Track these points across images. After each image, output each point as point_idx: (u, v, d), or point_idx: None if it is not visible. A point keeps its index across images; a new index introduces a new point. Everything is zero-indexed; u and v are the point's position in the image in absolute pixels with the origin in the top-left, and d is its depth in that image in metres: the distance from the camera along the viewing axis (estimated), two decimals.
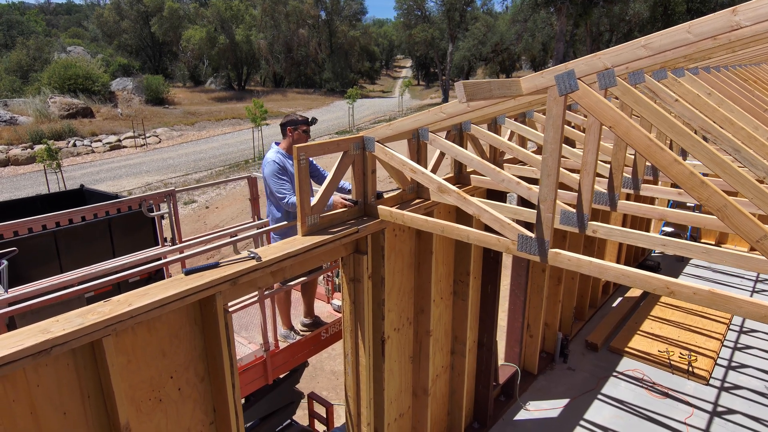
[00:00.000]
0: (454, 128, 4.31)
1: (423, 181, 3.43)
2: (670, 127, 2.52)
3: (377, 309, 3.90)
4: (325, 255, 3.40)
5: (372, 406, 4.16)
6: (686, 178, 2.24)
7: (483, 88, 2.28)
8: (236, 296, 2.93)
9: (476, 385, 5.68)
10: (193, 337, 2.83)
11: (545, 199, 2.72)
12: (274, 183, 4.04)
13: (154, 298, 2.46)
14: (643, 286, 2.46)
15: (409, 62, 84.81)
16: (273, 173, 4.04)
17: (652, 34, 2.23)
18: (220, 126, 34.75)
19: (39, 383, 2.25)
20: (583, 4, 34.58)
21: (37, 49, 44.23)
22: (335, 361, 7.99)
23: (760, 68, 6.56)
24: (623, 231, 3.09)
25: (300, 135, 4.22)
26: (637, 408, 6.00)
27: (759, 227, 2.09)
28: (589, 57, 2.42)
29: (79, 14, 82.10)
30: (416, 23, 50.32)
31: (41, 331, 2.17)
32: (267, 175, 4.07)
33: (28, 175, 21.91)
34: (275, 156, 4.13)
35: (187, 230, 14.21)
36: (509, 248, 2.95)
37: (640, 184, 4.18)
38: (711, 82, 4.12)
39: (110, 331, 2.33)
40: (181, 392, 2.84)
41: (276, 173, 4.04)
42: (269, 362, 4.03)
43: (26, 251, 4.54)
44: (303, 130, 4.21)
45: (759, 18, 1.92)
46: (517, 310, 6.18)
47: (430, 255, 4.23)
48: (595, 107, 2.43)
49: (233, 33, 50.78)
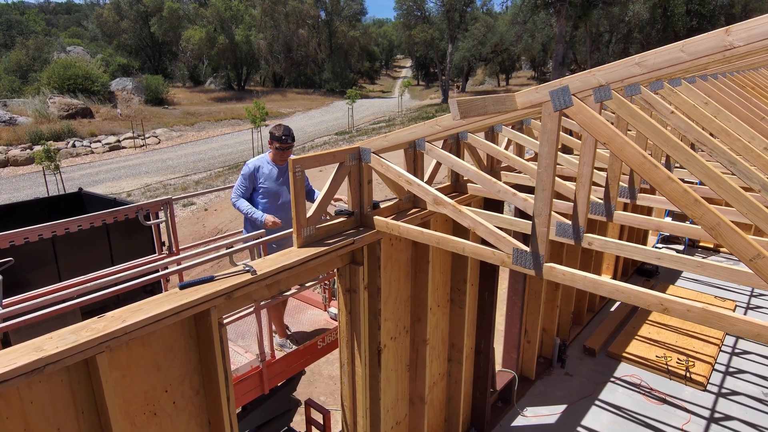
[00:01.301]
0: (451, 137, 4.31)
1: (419, 193, 3.43)
2: (665, 141, 2.52)
3: (373, 319, 3.90)
4: (320, 266, 3.40)
5: (368, 415, 4.17)
6: (680, 196, 2.24)
7: (477, 105, 2.28)
8: (231, 309, 2.93)
9: (473, 392, 5.68)
10: (188, 350, 2.83)
11: (540, 214, 2.72)
12: (237, 183, 4.42)
13: (149, 314, 2.46)
14: (636, 302, 2.46)
15: (409, 62, 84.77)
16: (240, 174, 4.43)
17: (646, 51, 2.23)
18: (219, 126, 34.74)
19: (32, 400, 2.25)
20: (582, 6, 34.56)
21: (36, 49, 44.19)
22: (333, 366, 7.99)
23: (758, 73, 6.55)
24: (618, 243, 3.09)
25: (274, 149, 4.37)
26: (634, 414, 6.01)
27: (752, 246, 2.09)
28: (584, 73, 2.42)
29: (79, 14, 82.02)
30: (416, 23, 50.27)
31: (34, 349, 2.17)
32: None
33: (27, 176, 21.90)
34: (253, 160, 4.44)
35: (186, 232, 14.22)
36: (504, 261, 2.95)
37: (637, 194, 4.19)
38: (708, 91, 4.11)
39: (104, 348, 2.33)
40: (176, 405, 2.84)
41: (242, 175, 4.41)
42: (265, 372, 4.03)
43: (23, 256, 4.54)
44: (275, 146, 4.34)
45: (752, 38, 1.92)
46: (515, 315, 6.18)
47: (427, 264, 4.23)
48: (589, 123, 2.43)
49: (233, 33, 50.76)
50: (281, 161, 4.42)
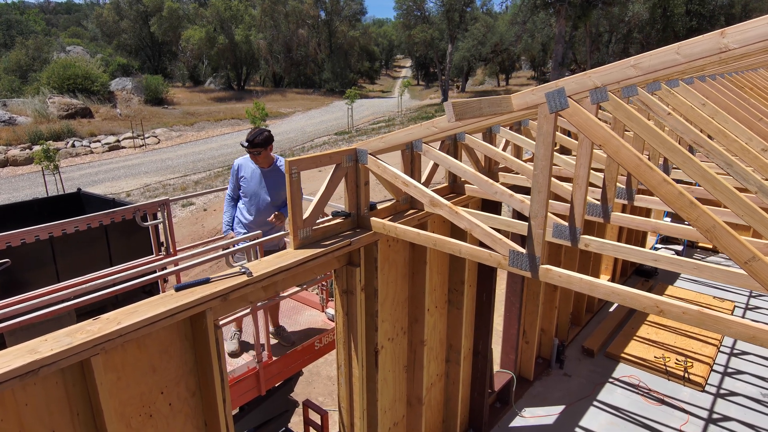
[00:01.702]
0: (448, 138, 4.31)
1: (415, 195, 3.43)
2: (662, 143, 2.52)
3: (370, 320, 3.90)
4: (317, 268, 3.40)
5: (365, 417, 4.16)
6: (675, 199, 2.24)
7: (473, 107, 2.28)
8: (227, 312, 2.93)
9: (471, 393, 5.68)
10: (184, 352, 2.82)
11: (536, 216, 2.72)
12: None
13: (144, 316, 2.46)
14: (633, 305, 2.46)
15: (409, 62, 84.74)
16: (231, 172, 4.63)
17: (642, 54, 2.22)
18: (219, 126, 34.74)
19: (27, 402, 2.24)
20: (582, 6, 34.55)
21: (36, 49, 44.20)
22: (332, 367, 7.98)
23: (757, 74, 6.55)
24: (615, 245, 3.08)
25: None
26: (632, 415, 6.00)
27: (747, 249, 2.09)
28: (580, 75, 2.42)
29: (79, 14, 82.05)
30: (416, 23, 50.28)
31: (29, 352, 2.16)
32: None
33: (27, 176, 21.89)
34: (240, 158, 4.56)
35: (185, 233, 14.21)
36: (501, 263, 2.95)
37: (635, 195, 4.19)
38: (705, 92, 4.11)
39: (99, 350, 2.32)
40: (172, 407, 2.84)
41: (231, 171, 4.61)
42: (262, 373, 4.02)
43: (22, 257, 4.54)
44: (249, 151, 4.37)
45: (747, 41, 1.92)
46: (513, 316, 6.17)
47: (425, 265, 4.22)
48: (585, 126, 2.43)
49: (233, 33, 50.76)
50: (262, 164, 4.43)
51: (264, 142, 4.30)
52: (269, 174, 4.44)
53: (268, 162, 4.42)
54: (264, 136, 4.33)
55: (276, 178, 4.43)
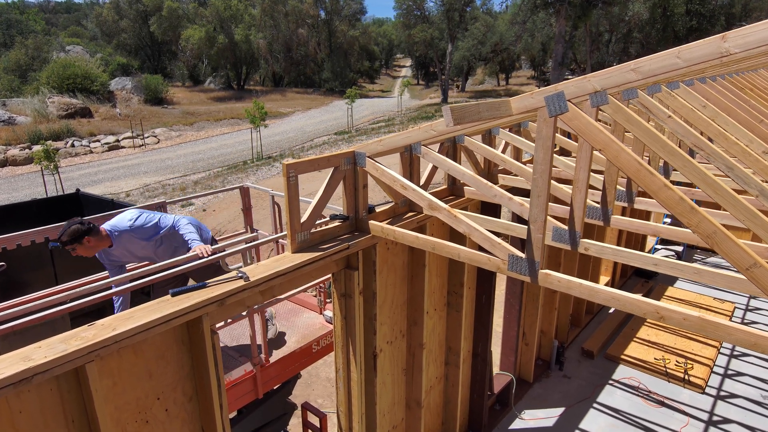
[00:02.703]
0: (447, 140, 4.29)
1: (414, 198, 3.40)
2: (662, 146, 2.50)
3: (369, 324, 3.88)
4: (315, 272, 3.38)
5: (364, 420, 4.14)
6: (676, 204, 2.21)
7: (471, 111, 2.26)
8: (224, 317, 2.91)
9: (471, 395, 5.66)
10: (180, 357, 2.80)
11: (536, 220, 2.70)
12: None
13: (139, 322, 2.44)
14: (633, 310, 2.44)
15: (409, 62, 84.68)
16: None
17: (642, 57, 2.20)
18: (218, 126, 34.71)
19: (21, 409, 2.22)
20: (582, 5, 34.50)
21: (35, 49, 44.16)
22: (331, 369, 7.96)
23: (757, 75, 6.52)
24: (615, 249, 3.06)
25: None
26: (632, 417, 5.98)
27: (748, 255, 2.07)
28: (580, 79, 2.39)
29: (78, 13, 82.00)
30: (416, 23, 50.23)
31: (22, 359, 2.14)
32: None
33: (26, 175, 21.88)
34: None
35: None
36: (500, 268, 2.92)
37: (635, 197, 4.16)
38: (706, 94, 4.09)
39: (94, 357, 2.30)
40: (169, 413, 2.82)
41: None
42: (259, 377, 4.00)
43: (20, 259, 4.52)
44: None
45: (749, 45, 1.90)
46: (513, 318, 6.15)
47: (423, 268, 4.20)
48: (585, 130, 2.41)
49: (232, 32, 50.70)
50: (89, 254, 3.71)
51: (71, 240, 3.45)
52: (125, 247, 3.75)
53: (99, 247, 3.68)
54: (70, 230, 3.46)
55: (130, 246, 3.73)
